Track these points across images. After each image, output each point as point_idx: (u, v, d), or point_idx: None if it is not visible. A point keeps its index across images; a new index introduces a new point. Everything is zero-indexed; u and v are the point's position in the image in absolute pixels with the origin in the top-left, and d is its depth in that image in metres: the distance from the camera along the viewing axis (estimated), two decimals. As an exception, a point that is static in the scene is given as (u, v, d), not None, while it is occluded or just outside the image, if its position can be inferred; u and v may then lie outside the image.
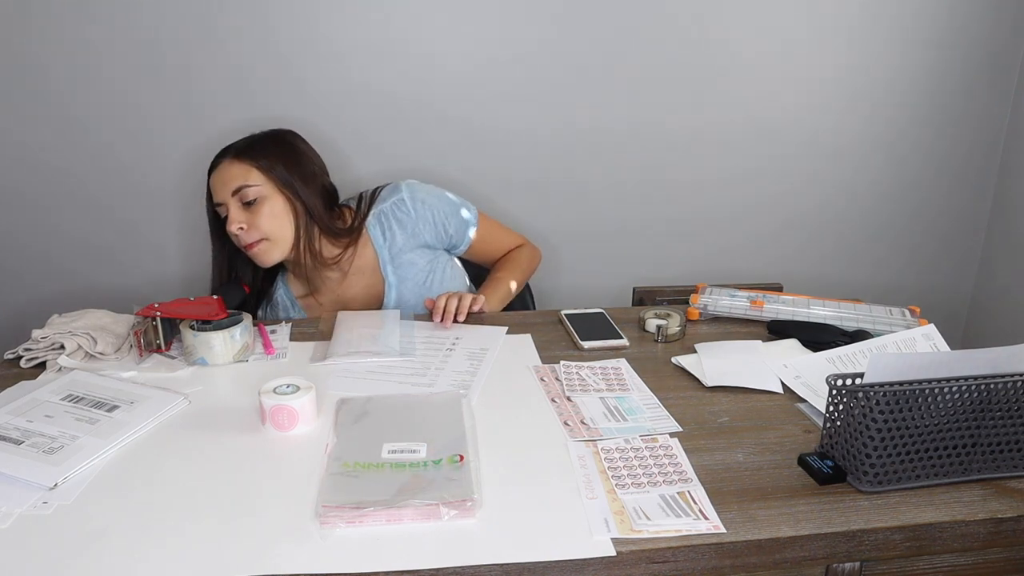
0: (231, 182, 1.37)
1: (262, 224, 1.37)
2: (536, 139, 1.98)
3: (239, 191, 1.36)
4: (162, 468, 0.93)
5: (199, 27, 1.77)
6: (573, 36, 1.91)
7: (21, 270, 1.91)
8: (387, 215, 1.49)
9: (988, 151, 2.19)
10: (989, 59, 2.08)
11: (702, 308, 1.44)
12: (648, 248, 2.14)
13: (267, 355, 1.25)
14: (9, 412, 1.02)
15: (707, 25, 1.94)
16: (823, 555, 0.84)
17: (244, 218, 1.37)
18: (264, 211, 1.37)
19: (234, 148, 1.41)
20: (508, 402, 1.10)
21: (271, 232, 1.38)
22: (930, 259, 2.29)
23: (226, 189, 1.37)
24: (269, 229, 1.38)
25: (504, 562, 0.77)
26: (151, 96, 1.81)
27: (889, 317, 1.38)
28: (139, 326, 1.25)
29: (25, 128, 1.80)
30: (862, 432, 0.88)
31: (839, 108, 2.08)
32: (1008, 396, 0.90)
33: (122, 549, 0.79)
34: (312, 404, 1.03)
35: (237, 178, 1.37)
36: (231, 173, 1.38)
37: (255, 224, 1.37)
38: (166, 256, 1.95)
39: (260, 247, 1.38)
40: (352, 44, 1.84)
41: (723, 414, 1.08)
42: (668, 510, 0.85)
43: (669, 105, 2.01)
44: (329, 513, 0.82)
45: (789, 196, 2.15)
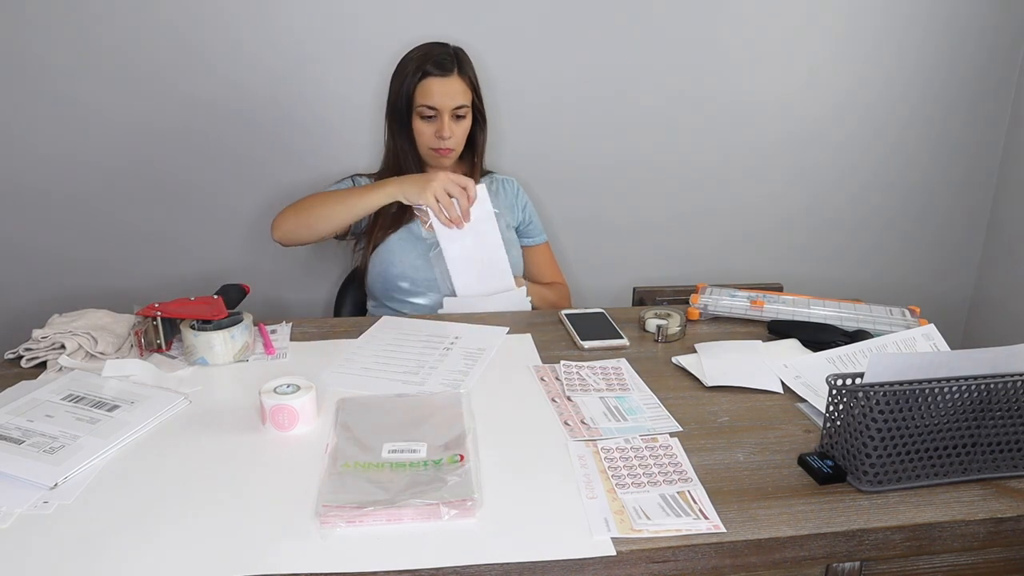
0: (457, 97, 1.54)
1: (460, 137, 1.58)
2: (535, 139, 1.98)
3: (459, 108, 1.55)
4: (162, 468, 0.94)
5: (208, 27, 1.77)
6: (568, 35, 1.91)
7: (21, 270, 1.91)
8: (498, 181, 1.73)
9: (988, 151, 2.19)
10: (990, 59, 2.08)
11: (702, 308, 1.44)
12: (648, 248, 2.14)
13: (267, 355, 1.26)
14: (9, 412, 1.02)
15: (707, 21, 1.94)
16: (823, 555, 0.84)
17: (453, 129, 1.55)
18: (464, 126, 1.59)
19: (453, 62, 1.55)
20: (508, 402, 1.10)
21: (460, 144, 1.60)
22: (930, 259, 2.29)
23: (449, 101, 1.54)
24: (460, 142, 1.60)
25: (504, 562, 0.77)
26: (151, 96, 1.81)
27: (889, 317, 1.38)
28: (139, 326, 1.25)
29: (24, 127, 1.80)
30: (862, 432, 0.88)
31: (839, 108, 2.08)
32: (1008, 396, 0.90)
33: (122, 549, 0.79)
34: (312, 404, 1.03)
35: (460, 96, 1.55)
36: (457, 88, 1.54)
37: (456, 136, 1.57)
38: (166, 256, 1.95)
39: (451, 155, 1.58)
40: (352, 38, 1.84)
41: (723, 414, 1.08)
42: (668, 510, 0.85)
43: (669, 105, 2.01)
44: (329, 513, 0.82)
45: (789, 197, 2.15)
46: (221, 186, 1.91)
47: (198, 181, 1.90)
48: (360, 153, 1.92)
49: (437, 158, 1.59)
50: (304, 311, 2.03)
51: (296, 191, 1.93)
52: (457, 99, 1.54)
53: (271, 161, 1.91)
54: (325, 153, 1.92)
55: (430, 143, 1.56)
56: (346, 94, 1.88)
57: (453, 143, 1.56)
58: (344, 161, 1.91)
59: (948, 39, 2.05)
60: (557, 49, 1.91)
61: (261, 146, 1.90)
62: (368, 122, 1.89)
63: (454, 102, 1.54)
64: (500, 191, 1.70)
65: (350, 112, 1.89)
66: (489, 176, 1.72)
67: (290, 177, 1.93)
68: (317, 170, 1.92)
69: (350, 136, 1.91)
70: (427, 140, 1.57)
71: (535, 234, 1.75)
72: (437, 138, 1.55)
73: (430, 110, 1.54)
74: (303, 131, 1.90)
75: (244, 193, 1.93)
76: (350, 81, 1.86)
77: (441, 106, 1.53)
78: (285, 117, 1.88)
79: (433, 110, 1.53)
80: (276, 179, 1.93)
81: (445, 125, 1.54)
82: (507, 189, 1.72)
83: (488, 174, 1.73)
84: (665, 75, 1.98)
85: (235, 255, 1.98)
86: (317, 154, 1.92)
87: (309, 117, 1.89)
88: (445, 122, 1.54)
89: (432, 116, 1.54)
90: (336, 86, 1.87)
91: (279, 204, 1.93)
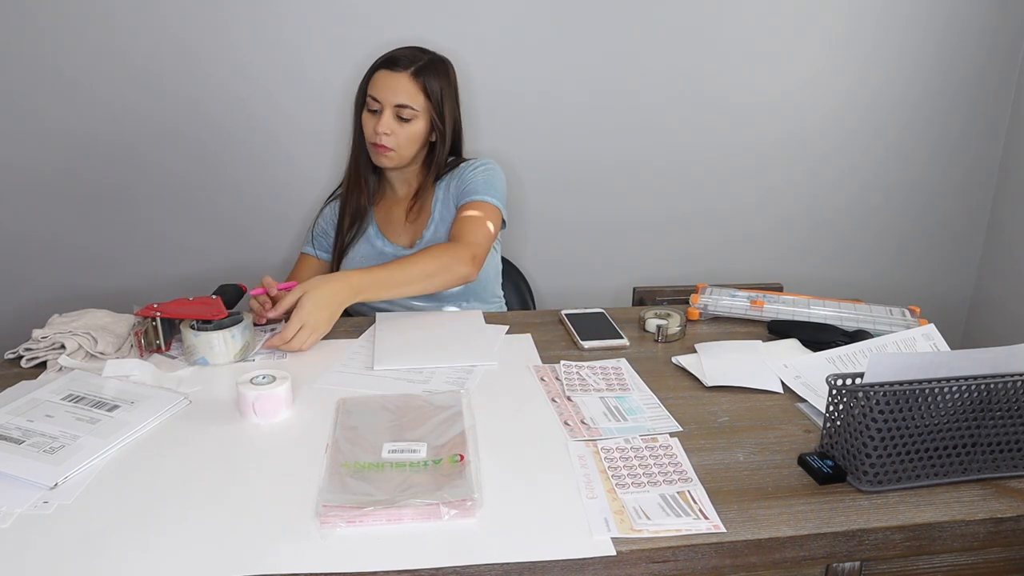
0: (399, 95, 1.50)
1: (401, 139, 1.52)
2: (535, 140, 1.98)
3: (401, 107, 1.50)
4: (162, 468, 0.94)
5: (207, 30, 1.77)
6: (567, 35, 1.91)
7: (21, 270, 1.91)
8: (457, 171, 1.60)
9: (988, 151, 2.19)
10: (990, 59, 2.08)
11: (702, 308, 1.44)
12: (648, 248, 2.14)
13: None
14: (9, 412, 1.02)
15: (707, 22, 1.94)
16: (823, 555, 0.84)
17: (393, 127, 1.51)
18: (409, 131, 1.52)
19: (413, 64, 1.51)
20: (508, 402, 1.10)
21: (402, 148, 1.53)
22: (930, 259, 2.29)
23: (391, 96, 1.50)
24: (403, 145, 1.53)
25: (504, 562, 0.77)
26: (151, 97, 1.82)
27: (889, 317, 1.38)
28: (139, 326, 1.25)
29: (24, 127, 1.80)
30: (862, 432, 0.88)
31: (839, 109, 2.08)
32: (1008, 396, 0.90)
33: (122, 549, 0.79)
34: (290, 392, 1.07)
35: (405, 95, 1.50)
36: (404, 87, 1.50)
37: (397, 136, 1.51)
38: (165, 256, 1.96)
39: (387, 154, 1.53)
40: (349, 35, 1.84)
41: (723, 414, 1.08)
42: (668, 510, 0.85)
43: (669, 105, 2.01)
44: (329, 513, 0.82)
45: (789, 196, 2.15)
46: (219, 186, 1.91)
47: (196, 181, 1.90)
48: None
49: (375, 154, 1.55)
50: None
51: (294, 191, 1.94)
52: (400, 96, 1.49)
53: (269, 161, 1.91)
54: (323, 154, 1.92)
55: (370, 137, 1.53)
56: (344, 95, 1.87)
57: (391, 142, 1.51)
58: (340, 162, 1.91)
59: (948, 39, 2.05)
60: (556, 49, 1.91)
61: (259, 147, 1.90)
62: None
63: (396, 98, 1.49)
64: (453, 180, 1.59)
65: (346, 114, 1.89)
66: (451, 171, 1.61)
67: (288, 177, 1.93)
68: (314, 171, 1.93)
69: (345, 139, 1.90)
70: (368, 133, 1.54)
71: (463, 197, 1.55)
72: (374, 132, 1.51)
73: (375, 102, 1.51)
74: (301, 132, 1.90)
75: (242, 193, 1.93)
76: (349, 82, 1.86)
77: (383, 99, 1.50)
78: (284, 118, 1.88)
79: (377, 102, 1.51)
80: (274, 179, 1.93)
81: (383, 120, 1.50)
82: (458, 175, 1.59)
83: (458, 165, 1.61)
84: (665, 75, 1.98)
85: (233, 255, 1.98)
86: (315, 155, 1.92)
87: (308, 118, 1.89)
88: (384, 117, 1.50)
89: (376, 109, 1.51)
90: (334, 87, 1.87)
91: (277, 204, 1.94)
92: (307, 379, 1.16)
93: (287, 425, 1.04)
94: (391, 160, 1.55)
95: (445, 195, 1.61)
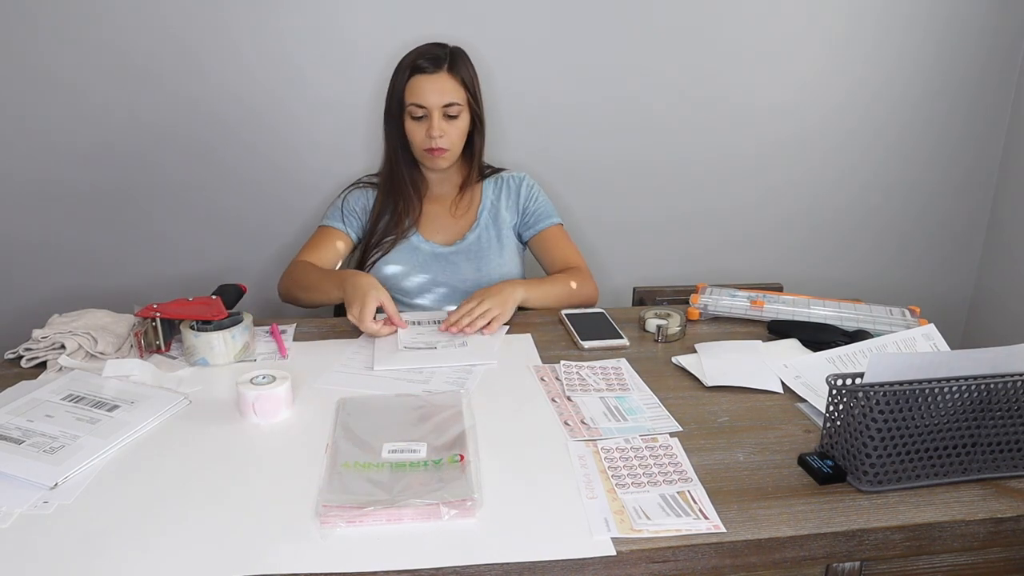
0: (446, 95, 1.51)
1: (454, 138, 1.54)
2: (534, 140, 1.98)
3: (448, 106, 1.51)
4: (162, 468, 0.94)
5: (207, 30, 1.77)
6: (566, 35, 1.90)
7: (21, 270, 1.91)
8: (504, 180, 1.69)
9: (988, 151, 2.19)
10: (990, 59, 2.08)
11: (702, 308, 1.44)
12: (648, 248, 2.14)
13: (281, 357, 1.26)
14: (9, 412, 1.02)
15: (706, 22, 1.94)
16: (823, 555, 0.84)
17: (445, 128, 1.52)
18: (458, 127, 1.55)
19: (445, 60, 1.52)
20: (508, 402, 1.10)
21: (454, 145, 1.55)
22: (930, 259, 2.28)
23: (438, 99, 1.50)
24: (455, 143, 1.55)
25: (504, 562, 0.77)
26: (151, 97, 1.81)
27: (889, 317, 1.38)
28: (139, 327, 1.25)
29: (24, 128, 1.80)
30: (862, 432, 0.88)
31: (839, 108, 2.08)
32: (1008, 396, 0.90)
33: (122, 549, 0.79)
34: (290, 392, 1.07)
35: (450, 94, 1.51)
36: (447, 86, 1.51)
37: (449, 135, 1.53)
38: (165, 256, 1.95)
39: (444, 155, 1.55)
40: (352, 38, 1.84)
41: (723, 414, 1.08)
42: (668, 510, 0.85)
43: (669, 105, 2.00)
44: (329, 513, 0.82)
45: (789, 196, 2.15)
46: (219, 186, 1.91)
47: (196, 181, 1.90)
48: (355, 154, 1.92)
49: (431, 159, 1.55)
50: (301, 311, 2.02)
51: (293, 191, 1.93)
52: (447, 96, 1.50)
53: (269, 162, 1.91)
54: (322, 154, 1.92)
55: (422, 144, 1.53)
56: (342, 96, 1.87)
57: (446, 143, 1.53)
58: (339, 162, 1.91)
59: (948, 39, 2.05)
60: (555, 49, 1.91)
61: (259, 147, 1.89)
62: (363, 124, 1.89)
63: (443, 99, 1.50)
64: (503, 190, 1.67)
65: (346, 114, 1.89)
66: (496, 175, 1.69)
67: (287, 177, 1.93)
68: (314, 171, 1.92)
69: (346, 138, 1.91)
70: (419, 141, 1.54)
71: (537, 221, 1.67)
72: (427, 137, 1.52)
73: (419, 109, 1.51)
74: (300, 132, 1.90)
75: (241, 193, 1.93)
76: (347, 83, 1.86)
77: (430, 104, 1.50)
78: (283, 119, 1.88)
79: (422, 108, 1.51)
80: (273, 180, 1.93)
81: (435, 124, 1.50)
82: (510, 186, 1.68)
83: (496, 172, 1.70)
84: (665, 75, 1.98)
85: (233, 255, 1.98)
86: (314, 155, 1.92)
87: (307, 119, 1.88)
88: (435, 120, 1.50)
89: (422, 116, 1.52)
90: (333, 88, 1.87)
91: (277, 204, 1.94)
92: (307, 379, 1.16)
93: (287, 425, 1.04)
94: (447, 160, 1.56)
95: (495, 204, 1.64)
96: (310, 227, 1.98)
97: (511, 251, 1.65)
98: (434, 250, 1.60)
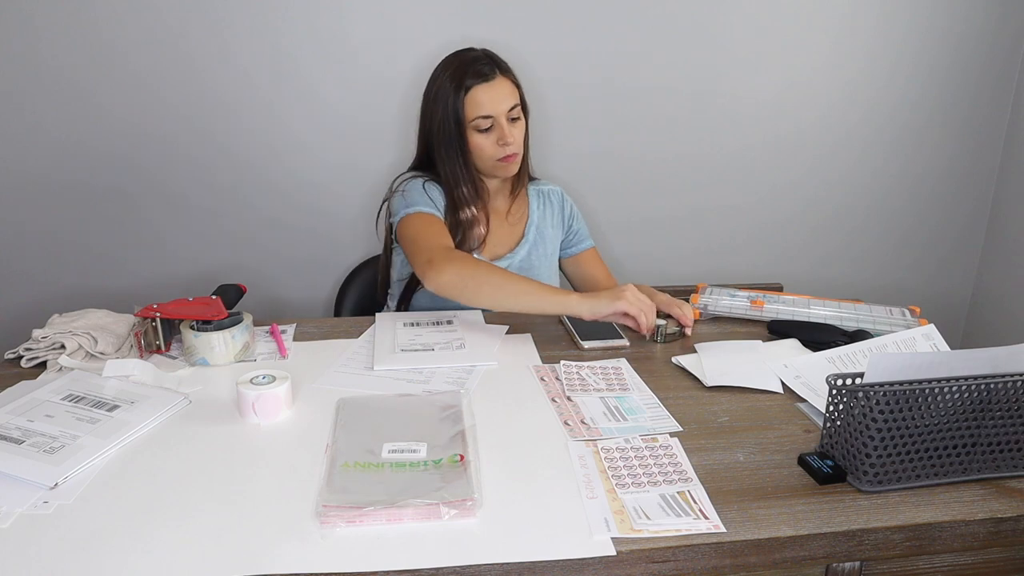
0: (508, 99, 1.47)
1: (520, 141, 1.51)
2: (532, 140, 1.98)
3: (512, 108, 1.48)
4: (162, 468, 0.93)
5: (207, 32, 1.78)
6: (566, 33, 1.90)
7: (21, 270, 1.91)
8: (544, 194, 1.67)
9: (988, 151, 2.19)
10: (990, 59, 2.08)
11: (702, 308, 1.44)
12: (649, 248, 2.14)
13: (281, 357, 1.26)
14: (9, 412, 1.02)
15: (705, 20, 1.94)
16: (823, 555, 0.84)
17: (513, 133, 1.48)
18: (522, 129, 1.52)
19: (496, 64, 1.49)
20: (508, 402, 1.10)
21: (521, 148, 1.52)
22: (930, 259, 2.29)
23: (502, 104, 1.46)
24: (521, 146, 1.52)
25: (504, 562, 0.77)
26: (151, 98, 1.82)
27: (889, 317, 1.38)
28: (139, 327, 1.25)
29: (24, 129, 1.80)
30: (862, 432, 0.88)
31: (839, 108, 2.08)
32: (1008, 396, 0.90)
33: (122, 548, 0.79)
34: (290, 392, 1.07)
35: (511, 97, 1.48)
36: (506, 91, 1.47)
37: (517, 140, 1.49)
38: (165, 256, 1.96)
39: (516, 159, 1.51)
40: (352, 38, 1.84)
41: (723, 414, 1.08)
42: (668, 510, 0.85)
43: (669, 104, 2.01)
44: (329, 513, 0.82)
45: (789, 196, 2.15)
46: (219, 186, 1.91)
47: (196, 182, 1.90)
48: (355, 154, 1.92)
49: (504, 168, 1.50)
50: (301, 311, 2.03)
51: (293, 191, 1.93)
52: (510, 99, 1.47)
53: (269, 162, 1.91)
54: (320, 155, 1.92)
55: (494, 154, 1.48)
56: (341, 97, 1.88)
57: (517, 147, 1.49)
58: (338, 163, 1.92)
59: (948, 39, 2.05)
60: (554, 48, 1.91)
61: (259, 147, 1.90)
62: (361, 125, 1.90)
63: (507, 104, 1.46)
64: (546, 204, 1.65)
65: (345, 114, 1.89)
66: (535, 186, 1.66)
67: (287, 178, 1.93)
68: (313, 171, 1.93)
69: (345, 138, 1.91)
70: (491, 152, 1.48)
71: (579, 241, 1.69)
72: (501, 146, 1.47)
73: (486, 120, 1.45)
74: (300, 133, 1.90)
75: (241, 193, 1.93)
76: (346, 84, 1.87)
77: (497, 112, 1.45)
78: (283, 119, 1.88)
79: (489, 119, 1.45)
80: (273, 180, 1.93)
81: (505, 130, 1.46)
82: (552, 202, 1.66)
83: (533, 181, 1.67)
84: (665, 75, 1.98)
85: (233, 255, 1.98)
86: (313, 156, 1.92)
87: (307, 120, 1.89)
88: (504, 127, 1.46)
89: (489, 127, 1.46)
90: (332, 89, 1.87)
91: (276, 204, 1.94)
92: (307, 379, 1.16)
93: (287, 425, 1.04)
94: (518, 164, 1.53)
95: (541, 220, 1.63)
96: (310, 227, 1.99)
97: (555, 266, 1.67)
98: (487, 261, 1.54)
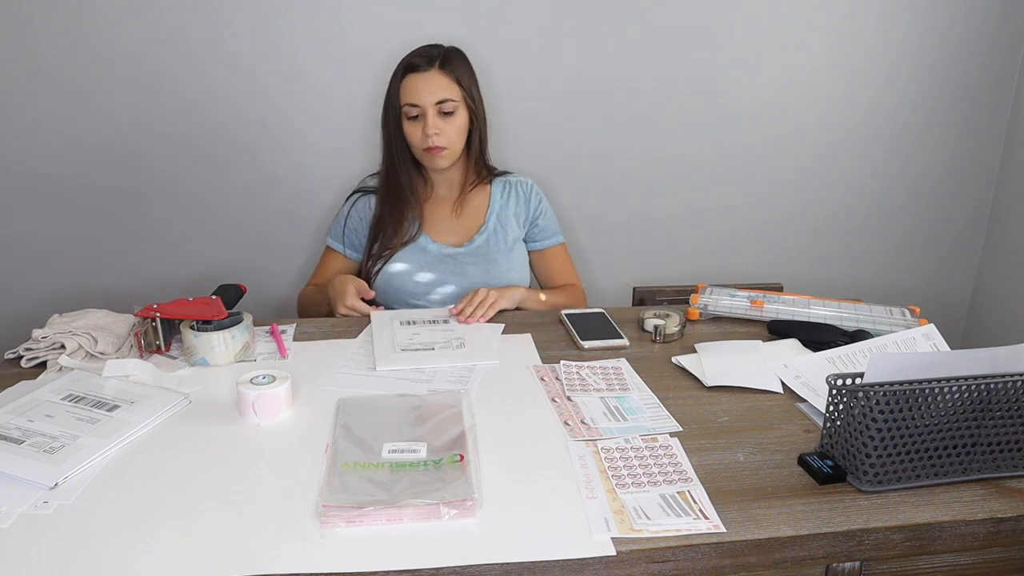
0: (437, 92, 1.50)
1: (451, 135, 1.53)
2: (533, 139, 1.98)
3: (442, 102, 1.51)
4: (162, 468, 0.94)
5: (207, 32, 1.77)
6: (565, 33, 1.90)
7: (21, 270, 1.91)
8: (512, 184, 1.70)
9: (988, 151, 2.19)
10: (990, 59, 2.08)
11: (702, 308, 1.44)
12: (648, 248, 2.14)
13: (281, 357, 1.26)
14: (9, 412, 1.02)
15: (705, 20, 1.94)
16: (823, 555, 0.84)
17: (440, 125, 1.51)
18: (455, 123, 1.54)
19: (436, 58, 1.52)
20: (508, 402, 1.10)
21: (453, 143, 1.55)
22: (930, 259, 2.28)
23: (430, 96, 1.50)
24: (454, 141, 1.55)
25: (504, 562, 0.77)
26: (151, 98, 1.81)
27: (889, 317, 1.38)
28: (139, 327, 1.25)
29: (24, 128, 1.80)
30: (862, 432, 0.88)
31: (839, 108, 2.08)
32: (1008, 396, 0.90)
33: (122, 548, 0.79)
34: (290, 392, 1.08)
35: (442, 90, 1.51)
36: (437, 83, 1.51)
37: (446, 133, 1.52)
38: (165, 256, 1.95)
39: (442, 154, 1.54)
40: (349, 41, 1.84)
41: (723, 414, 1.08)
42: (668, 510, 0.85)
43: (669, 103, 2.00)
44: (329, 513, 0.82)
45: (789, 197, 2.15)
46: (219, 186, 1.91)
47: (196, 182, 1.90)
48: (354, 155, 1.92)
49: (431, 158, 1.55)
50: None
51: (293, 191, 1.93)
52: (439, 93, 1.50)
53: (269, 161, 1.91)
54: (320, 155, 1.92)
55: (420, 144, 1.53)
56: (341, 97, 1.87)
57: (443, 140, 1.52)
58: (338, 163, 1.91)
59: (948, 39, 2.05)
60: (553, 48, 1.91)
61: (259, 148, 1.89)
62: (361, 124, 1.89)
63: (436, 96, 1.50)
64: (511, 195, 1.68)
65: (344, 114, 1.89)
66: (503, 179, 1.70)
67: (287, 178, 1.93)
68: (312, 171, 1.92)
69: (345, 139, 1.91)
70: (417, 141, 1.54)
71: (544, 237, 1.71)
72: (424, 136, 1.51)
73: (414, 108, 1.51)
74: (299, 133, 1.89)
75: (242, 193, 1.93)
76: (345, 84, 1.86)
77: (423, 102, 1.50)
78: (283, 119, 1.88)
79: (416, 107, 1.51)
80: (274, 179, 1.93)
81: (429, 121, 1.50)
82: (519, 192, 1.69)
83: (503, 175, 1.71)
84: (664, 74, 1.98)
85: (233, 255, 1.98)
86: (312, 156, 1.92)
87: (305, 119, 1.88)
88: (429, 118, 1.50)
89: (417, 115, 1.52)
90: (331, 89, 1.86)
91: (276, 204, 1.94)
92: (307, 379, 1.17)
93: (287, 425, 1.04)
94: (447, 159, 1.56)
95: (503, 209, 1.66)
96: (310, 227, 1.99)
97: (519, 255, 1.66)
98: (442, 251, 1.61)
